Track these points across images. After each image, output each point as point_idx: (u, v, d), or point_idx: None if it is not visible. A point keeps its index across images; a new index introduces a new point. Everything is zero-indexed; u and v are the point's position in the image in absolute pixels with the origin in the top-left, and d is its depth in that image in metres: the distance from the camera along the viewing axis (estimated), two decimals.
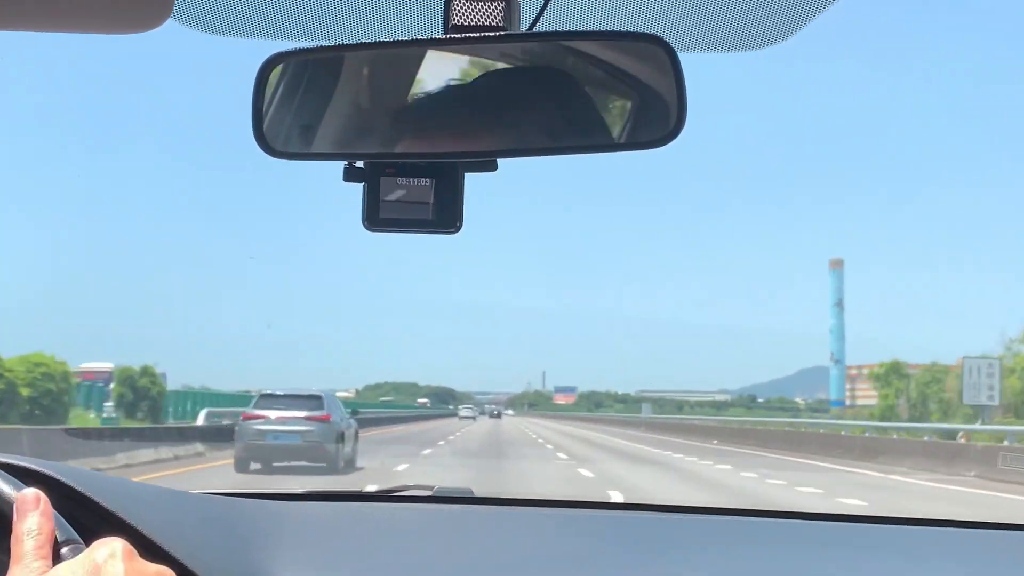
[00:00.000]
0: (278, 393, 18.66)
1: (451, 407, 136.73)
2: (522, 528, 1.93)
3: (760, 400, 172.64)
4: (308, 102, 1.28)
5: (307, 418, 17.64)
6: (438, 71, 1.27)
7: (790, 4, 1.33)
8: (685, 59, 1.23)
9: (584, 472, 19.98)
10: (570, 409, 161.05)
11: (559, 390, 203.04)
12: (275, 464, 17.78)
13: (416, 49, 1.27)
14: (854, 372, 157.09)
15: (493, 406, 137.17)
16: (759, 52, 1.41)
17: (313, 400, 18.26)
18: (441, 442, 32.00)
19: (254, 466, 17.73)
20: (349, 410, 21.10)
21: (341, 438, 18.03)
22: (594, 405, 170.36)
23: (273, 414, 17.77)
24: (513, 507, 2.10)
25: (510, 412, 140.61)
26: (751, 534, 1.96)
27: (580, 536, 1.87)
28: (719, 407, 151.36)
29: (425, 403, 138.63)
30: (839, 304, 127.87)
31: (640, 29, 1.28)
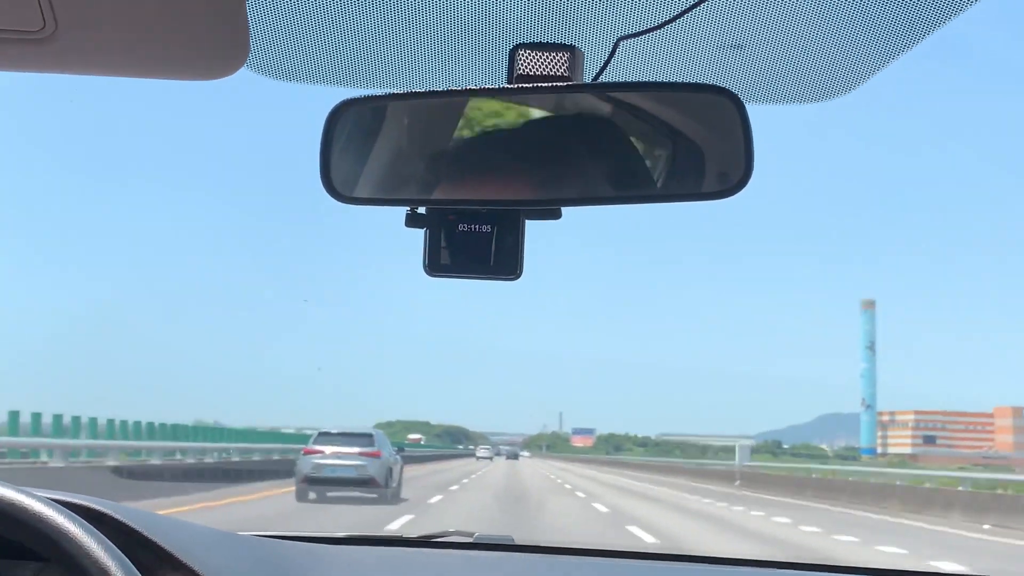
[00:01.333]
0: (334, 431, 21.14)
1: (460, 447, 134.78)
2: None
3: (786, 446, 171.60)
4: (374, 148, 1.34)
5: (360, 454, 20.19)
6: (503, 120, 1.33)
7: (851, 60, 1.39)
8: (749, 110, 1.29)
9: None
10: (589, 452, 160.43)
11: (577, 432, 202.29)
12: (329, 494, 20.11)
13: (482, 98, 1.33)
14: (886, 418, 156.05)
15: (509, 446, 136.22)
16: (816, 105, 1.47)
17: (366, 438, 20.84)
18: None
19: (311, 496, 20.14)
20: (396, 447, 23.13)
21: (390, 472, 20.63)
22: (613, 448, 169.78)
23: (330, 449, 20.31)
24: (554, 555, 2.13)
25: (526, 454, 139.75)
26: None
27: None
28: None
29: (418, 440, 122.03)
30: (871, 347, 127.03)
31: (705, 80, 1.33)
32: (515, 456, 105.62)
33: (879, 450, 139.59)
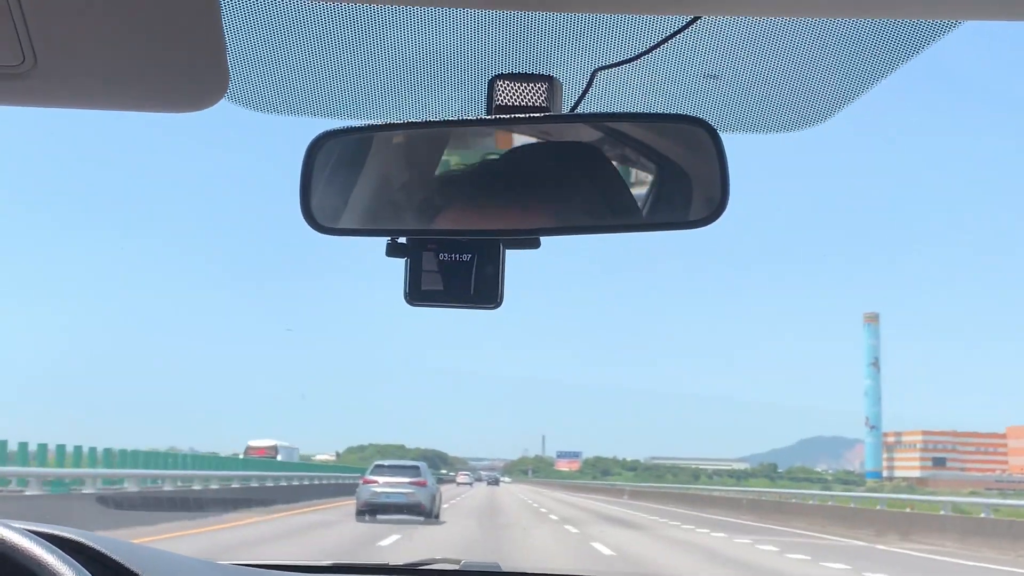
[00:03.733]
0: (386, 464, 28.05)
1: (432, 472, 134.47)
2: None
3: (781, 470, 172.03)
4: (354, 179, 1.44)
5: (410, 483, 26.33)
6: (482, 150, 1.43)
7: (828, 89, 1.50)
8: (724, 139, 1.39)
9: None
10: (574, 477, 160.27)
11: (562, 455, 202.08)
12: (380, 517, 25.63)
13: (461, 129, 1.43)
14: (891, 440, 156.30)
15: (489, 472, 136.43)
16: (799, 133, 1.58)
17: (414, 469, 27.38)
18: None
19: (367, 518, 25.81)
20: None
21: (433, 498, 26.87)
22: (600, 472, 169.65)
23: (383, 479, 26.44)
24: None
25: (507, 479, 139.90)
26: None
27: None
28: (739, 477, 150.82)
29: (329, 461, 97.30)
30: (875, 364, 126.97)
31: (681, 111, 1.44)
32: (495, 482, 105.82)
33: (885, 473, 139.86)
